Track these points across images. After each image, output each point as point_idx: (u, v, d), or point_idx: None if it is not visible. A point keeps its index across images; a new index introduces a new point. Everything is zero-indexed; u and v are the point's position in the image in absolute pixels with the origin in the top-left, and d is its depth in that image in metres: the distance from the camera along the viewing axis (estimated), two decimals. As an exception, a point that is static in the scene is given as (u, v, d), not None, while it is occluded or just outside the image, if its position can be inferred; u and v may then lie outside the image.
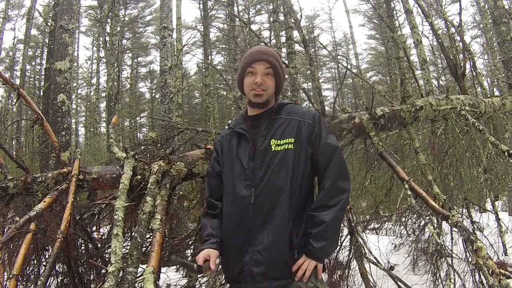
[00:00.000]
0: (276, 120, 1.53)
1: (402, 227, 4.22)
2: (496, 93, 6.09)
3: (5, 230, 1.85)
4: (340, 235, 2.48)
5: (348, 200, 1.49)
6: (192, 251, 2.69)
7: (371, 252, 2.77)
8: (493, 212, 4.17)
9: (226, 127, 1.67)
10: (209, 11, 14.40)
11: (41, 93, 10.37)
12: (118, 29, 12.98)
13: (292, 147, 1.45)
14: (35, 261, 2.03)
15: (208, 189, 1.63)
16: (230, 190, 1.51)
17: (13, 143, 12.96)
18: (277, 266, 1.38)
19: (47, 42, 8.05)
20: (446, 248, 2.73)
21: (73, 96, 17.65)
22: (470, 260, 2.20)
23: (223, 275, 1.65)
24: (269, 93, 1.54)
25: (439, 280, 2.83)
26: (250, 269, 1.38)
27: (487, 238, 2.87)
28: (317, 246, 1.36)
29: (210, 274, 1.83)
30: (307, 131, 1.48)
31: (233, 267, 1.45)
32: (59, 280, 2.08)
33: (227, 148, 1.58)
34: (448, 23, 5.68)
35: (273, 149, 1.46)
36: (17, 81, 13.06)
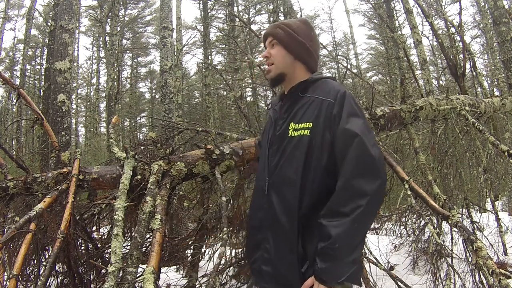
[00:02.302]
0: (302, 99, 1.29)
1: (402, 227, 4.21)
2: (496, 93, 6.10)
3: (5, 230, 1.85)
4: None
5: (373, 208, 1.13)
6: (192, 251, 2.69)
7: (371, 252, 2.77)
8: (493, 212, 4.16)
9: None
10: (209, 11, 14.40)
11: (41, 93, 10.37)
12: (118, 29, 12.97)
13: (308, 133, 1.21)
14: (35, 261, 2.03)
15: None
16: (257, 175, 1.38)
17: (13, 143, 12.95)
18: (283, 273, 1.21)
19: (47, 42, 8.04)
20: (446, 248, 2.73)
21: (73, 96, 17.64)
22: (470, 260, 2.20)
23: (223, 275, 1.64)
24: (279, 65, 1.33)
25: (439, 280, 2.83)
26: (259, 267, 1.27)
27: (487, 238, 2.87)
28: (321, 267, 1.09)
29: (210, 274, 1.83)
30: (326, 113, 1.20)
31: (249, 257, 1.36)
32: (59, 280, 2.08)
33: (265, 129, 1.44)
34: (448, 23, 5.68)
35: (289, 134, 1.25)
36: (17, 81, 13.07)
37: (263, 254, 1.26)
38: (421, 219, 3.34)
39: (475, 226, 2.71)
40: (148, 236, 1.95)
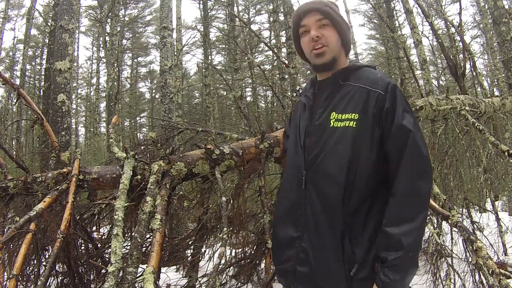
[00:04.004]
0: (343, 88, 1.19)
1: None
2: (496, 93, 6.11)
3: (5, 230, 1.85)
4: None
5: (428, 209, 1.11)
6: (192, 251, 2.69)
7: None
8: (493, 212, 4.16)
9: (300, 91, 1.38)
10: (209, 11, 14.41)
11: (41, 93, 10.38)
12: (118, 29, 12.97)
13: (354, 125, 1.11)
14: (35, 261, 2.03)
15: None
16: (288, 167, 1.29)
17: (13, 143, 12.95)
18: (324, 274, 1.11)
19: (47, 42, 8.05)
20: (446, 248, 2.73)
21: (73, 96, 17.65)
22: (470, 260, 2.20)
23: (223, 275, 1.63)
24: (333, 48, 1.20)
25: (439, 280, 2.83)
26: (293, 267, 1.17)
27: (487, 238, 2.86)
28: (394, 278, 1.02)
29: (210, 274, 1.83)
30: (376, 105, 1.11)
31: (277, 257, 1.25)
32: (59, 280, 2.08)
33: (294, 120, 1.33)
34: (448, 23, 5.68)
35: (331, 125, 1.14)
36: (17, 81, 13.07)
37: (298, 254, 1.16)
38: (421, 219, 3.34)
39: (475, 226, 2.71)
40: (148, 236, 1.95)
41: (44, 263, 1.91)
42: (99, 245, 2.36)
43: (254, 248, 2.45)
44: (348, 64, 1.26)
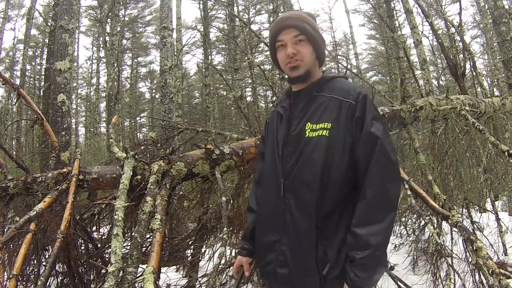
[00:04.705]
0: (317, 99, 1.26)
1: (402, 227, 4.21)
2: (496, 93, 6.11)
3: (5, 230, 1.85)
4: None
5: (396, 210, 1.17)
6: (192, 251, 2.69)
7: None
8: (493, 212, 4.16)
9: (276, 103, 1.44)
10: (209, 11, 14.40)
11: (41, 93, 10.38)
12: (118, 29, 12.97)
13: (327, 134, 1.18)
14: (35, 261, 2.03)
15: (256, 173, 1.50)
16: (266, 176, 1.35)
17: (13, 143, 12.95)
18: (301, 275, 1.19)
19: (47, 42, 8.04)
20: (446, 248, 2.73)
21: (73, 96, 17.65)
22: (470, 260, 2.20)
23: (223, 275, 1.64)
24: (308, 62, 1.28)
25: (439, 280, 2.83)
26: (274, 269, 1.24)
27: (487, 238, 2.86)
28: (362, 276, 1.08)
29: (210, 274, 1.83)
30: (347, 114, 1.18)
31: (260, 260, 1.33)
32: (59, 280, 2.08)
33: (271, 129, 1.38)
34: (448, 23, 5.68)
35: (306, 135, 1.21)
36: (17, 81, 13.07)
37: (278, 257, 1.23)
38: (421, 219, 3.34)
39: (475, 226, 2.71)
40: (148, 236, 1.95)
41: (44, 263, 1.91)
42: (99, 245, 2.36)
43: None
44: (321, 75, 1.33)
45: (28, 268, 2.05)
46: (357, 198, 1.16)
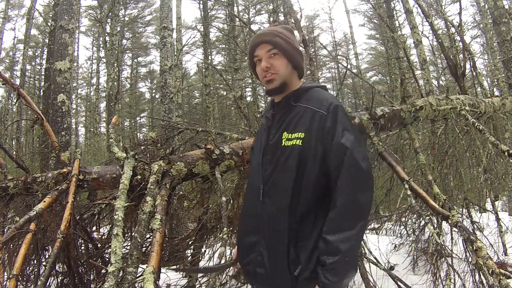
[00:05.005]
0: (295, 109, 1.32)
1: (402, 227, 4.21)
2: (496, 93, 6.11)
3: (5, 230, 1.85)
4: None
5: (368, 217, 1.24)
6: (192, 251, 2.69)
7: (371, 252, 2.77)
8: (493, 212, 4.16)
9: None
10: (209, 11, 14.41)
11: (41, 93, 10.38)
12: (118, 29, 12.98)
13: (300, 143, 1.25)
14: (35, 261, 2.03)
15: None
16: (250, 182, 1.45)
17: (13, 143, 12.95)
18: (275, 275, 1.27)
19: (47, 42, 8.05)
20: (446, 248, 2.73)
21: (73, 96, 17.65)
22: (470, 260, 2.20)
23: (223, 275, 1.65)
24: (283, 74, 1.34)
25: (439, 280, 2.83)
26: (254, 269, 1.33)
27: (487, 238, 2.86)
28: (332, 280, 1.15)
29: (209, 274, 1.83)
30: (319, 124, 1.25)
31: (242, 260, 1.41)
32: (59, 280, 2.08)
33: (258, 138, 1.48)
34: (448, 23, 5.68)
35: (283, 144, 1.29)
36: (17, 81, 13.07)
37: (256, 257, 1.31)
38: (421, 219, 3.34)
39: (475, 226, 2.71)
40: (148, 236, 1.95)
41: (44, 263, 1.91)
42: (99, 245, 2.36)
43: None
44: (300, 85, 1.39)
45: (28, 268, 2.05)
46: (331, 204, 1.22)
